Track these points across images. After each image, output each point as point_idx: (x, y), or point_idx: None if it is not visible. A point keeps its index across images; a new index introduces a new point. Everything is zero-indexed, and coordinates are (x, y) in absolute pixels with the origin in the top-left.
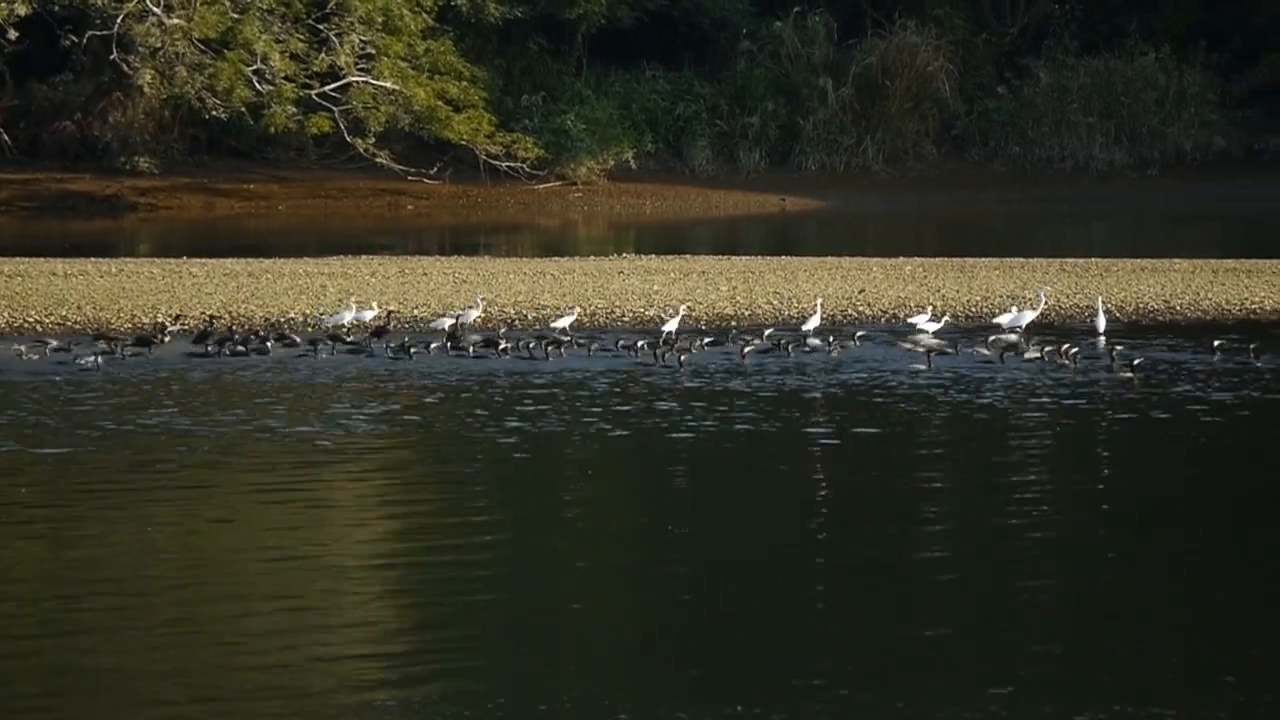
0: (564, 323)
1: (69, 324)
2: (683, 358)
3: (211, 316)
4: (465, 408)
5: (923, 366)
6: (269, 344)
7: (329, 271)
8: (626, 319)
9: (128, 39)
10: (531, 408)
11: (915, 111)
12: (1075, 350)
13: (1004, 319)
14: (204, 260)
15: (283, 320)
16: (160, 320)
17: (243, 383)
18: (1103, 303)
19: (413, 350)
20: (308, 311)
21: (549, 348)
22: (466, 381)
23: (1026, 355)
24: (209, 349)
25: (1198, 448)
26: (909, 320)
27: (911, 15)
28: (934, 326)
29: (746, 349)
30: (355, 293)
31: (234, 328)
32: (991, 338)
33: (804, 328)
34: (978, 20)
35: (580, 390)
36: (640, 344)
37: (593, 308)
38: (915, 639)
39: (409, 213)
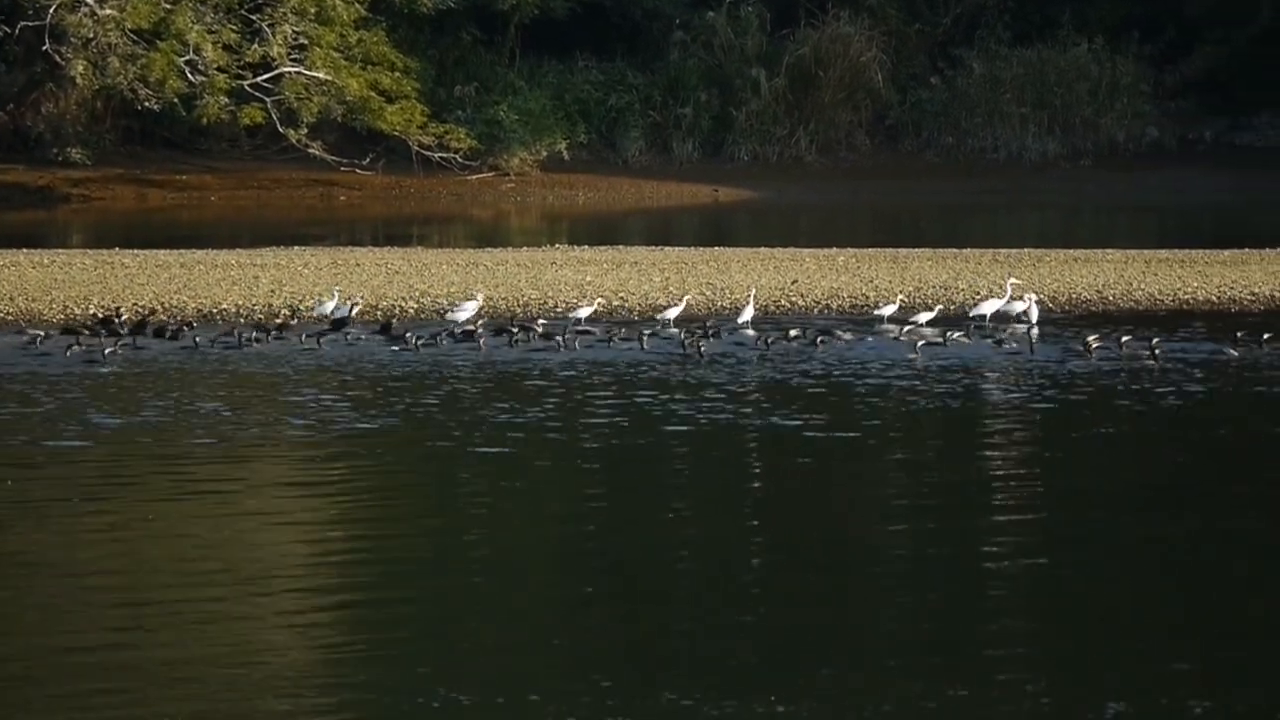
0: (584, 313)
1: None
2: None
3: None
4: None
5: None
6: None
7: (262, 263)
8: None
9: (60, 30)
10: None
11: (848, 102)
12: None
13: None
14: (136, 251)
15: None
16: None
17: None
18: (1033, 294)
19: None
20: (261, 302)
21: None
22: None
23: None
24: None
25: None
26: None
27: (845, 5)
28: (927, 315)
29: (771, 340)
30: (339, 284)
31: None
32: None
33: (739, 320)
34: (911, 10)
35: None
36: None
37: (526, 298)
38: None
39: (342, 204)
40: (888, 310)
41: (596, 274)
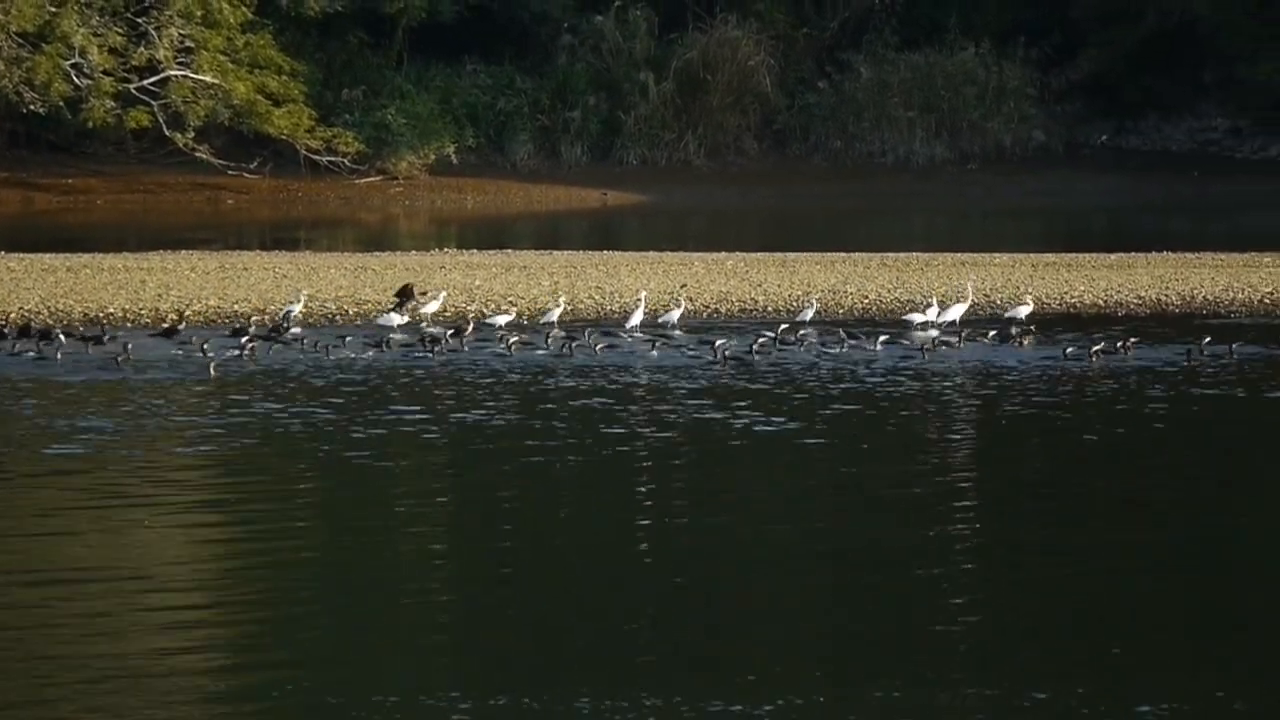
0: (674, 316)
1: None
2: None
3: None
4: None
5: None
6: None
7: (148, 266)
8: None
9: None
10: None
11: (736, 106)
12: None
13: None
14: (22, 255)
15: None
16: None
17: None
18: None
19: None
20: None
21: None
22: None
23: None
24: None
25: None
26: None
27: (732, 9)
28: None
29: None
30: (304, 284)
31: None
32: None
33: (627, 324)
34: (798, 15)
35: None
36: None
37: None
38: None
39: (229, 207)
40: (924, 316)
41: (485, 278)
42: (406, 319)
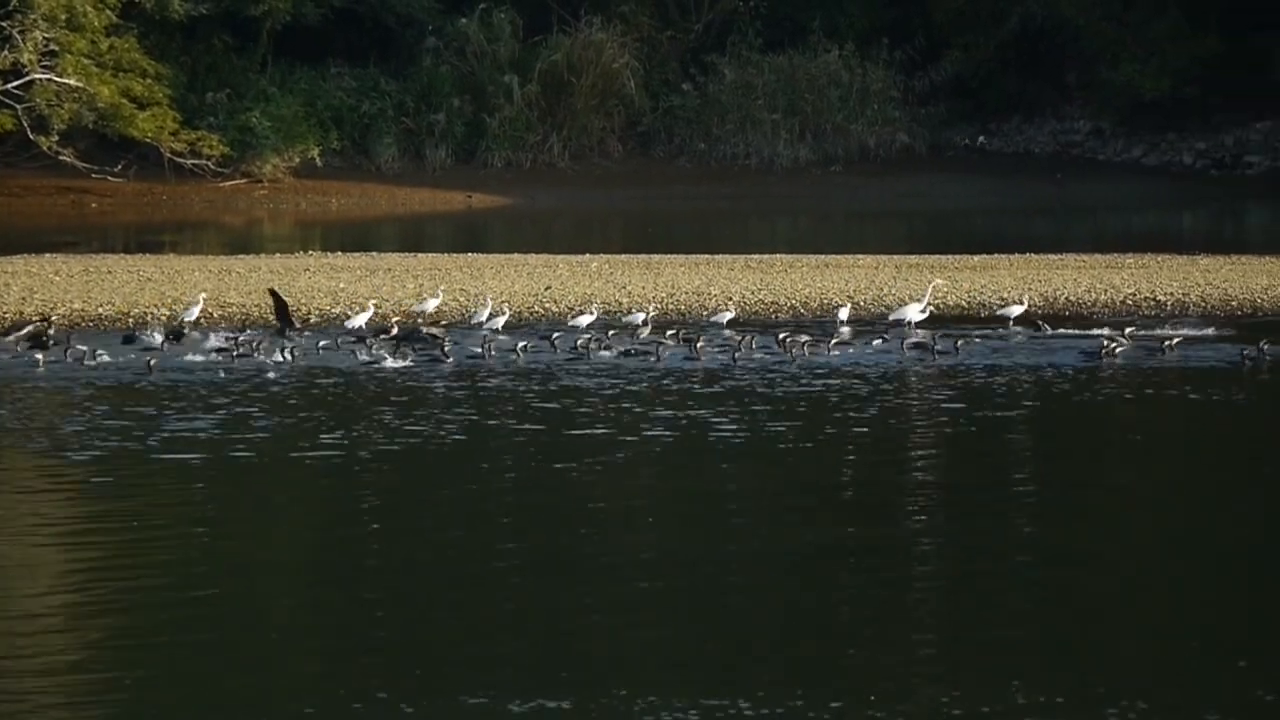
0: (725, 317)
1: None
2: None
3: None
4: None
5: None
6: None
7: (12, 270)
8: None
9: None
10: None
11: (601, 108)
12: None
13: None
14: None
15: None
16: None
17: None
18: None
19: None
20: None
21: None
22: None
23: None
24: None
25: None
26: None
27: (597, 12)
28: (921, 316)
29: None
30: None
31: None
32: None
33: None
34: (663, 17)
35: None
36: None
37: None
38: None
39: (93, 210)
40: (1015, 311)
41: (350, 280)
42: (367, 317)
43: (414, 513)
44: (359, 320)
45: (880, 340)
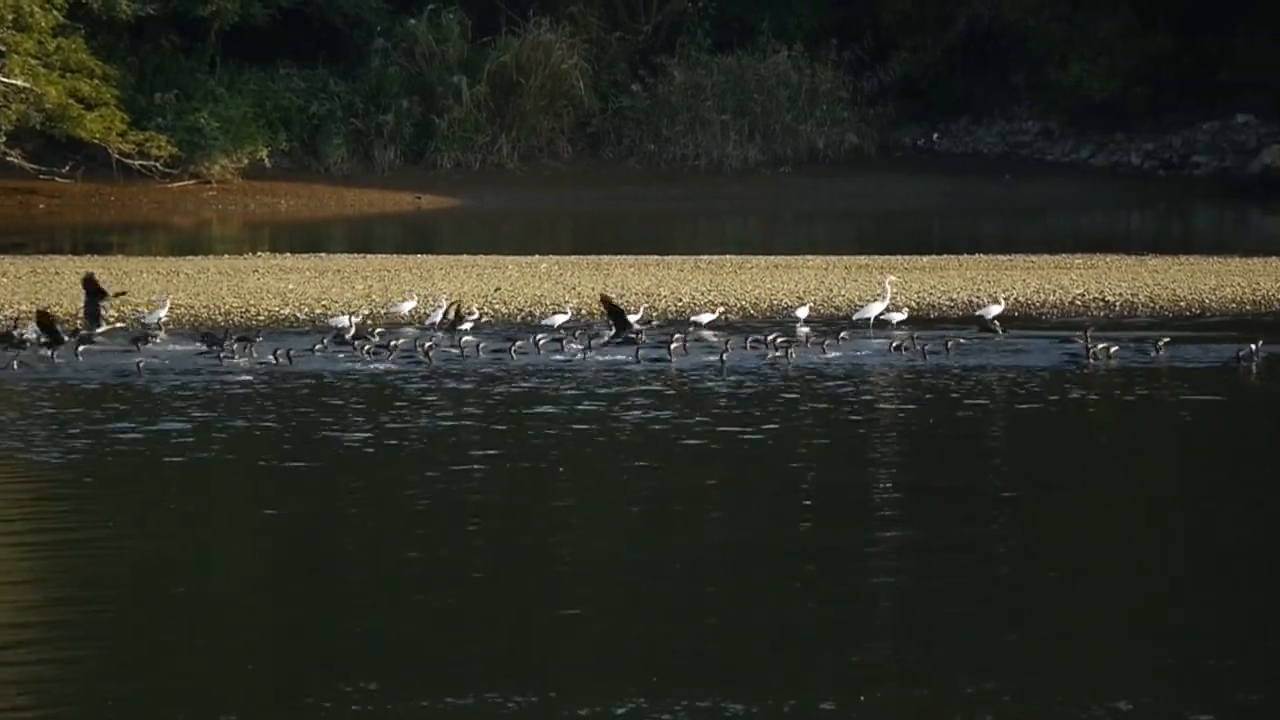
0: (803, 312)
1: None
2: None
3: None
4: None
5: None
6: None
7: None
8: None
9: None
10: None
11: (550, 109)
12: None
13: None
14: None
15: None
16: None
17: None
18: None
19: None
20: None
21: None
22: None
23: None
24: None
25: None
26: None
27: (546, 13)
28: (899, 316)
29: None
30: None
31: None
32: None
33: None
34: (612, 18)
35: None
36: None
37: (227, 306)
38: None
39: (41, 211)
40: (994, 310)
41: (299, 281)
42: (353, 319)
43: (389, 511)
44: (342, 321)
45: (879, 340)
